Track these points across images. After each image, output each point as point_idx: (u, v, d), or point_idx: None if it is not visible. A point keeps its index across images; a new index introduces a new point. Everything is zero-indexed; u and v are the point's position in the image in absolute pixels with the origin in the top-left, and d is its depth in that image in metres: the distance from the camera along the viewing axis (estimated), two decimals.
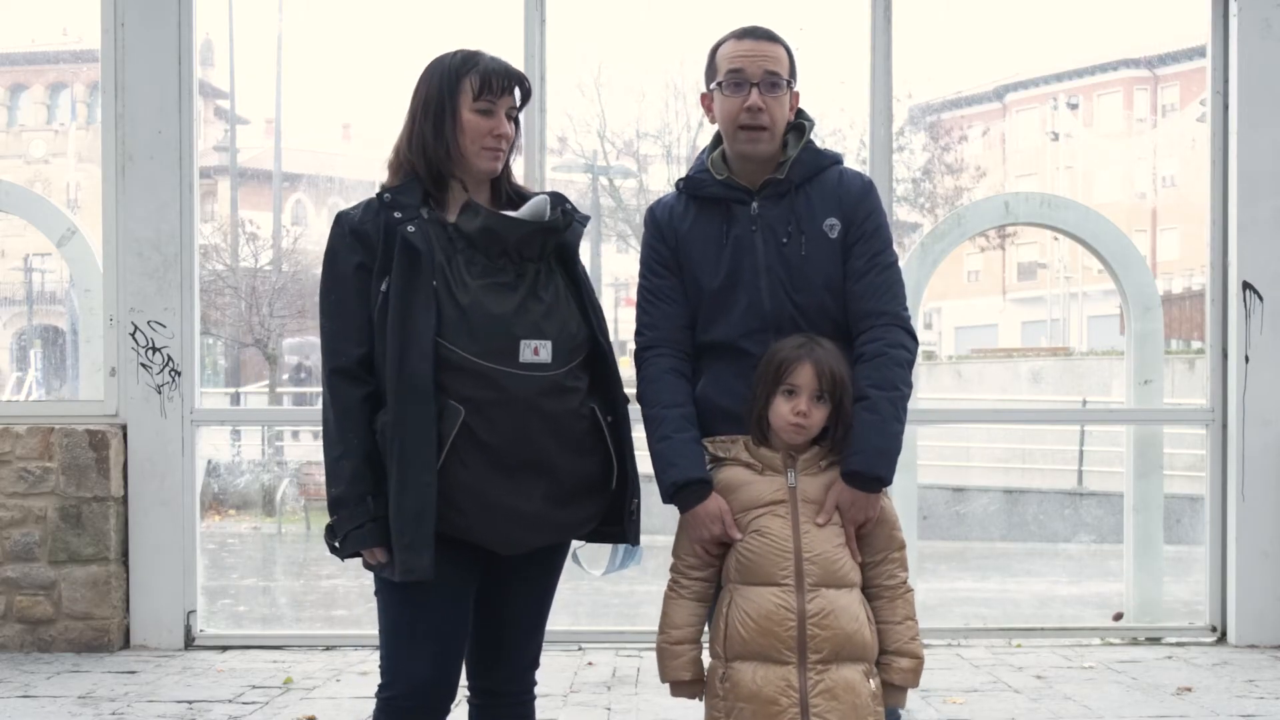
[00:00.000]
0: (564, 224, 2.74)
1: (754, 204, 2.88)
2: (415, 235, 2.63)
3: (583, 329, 2.74)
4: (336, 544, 2.69)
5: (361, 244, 2.68)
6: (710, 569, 2.79)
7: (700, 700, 2.81)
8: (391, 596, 2.70)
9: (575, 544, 2.90)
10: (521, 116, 2.85)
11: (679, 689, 2.82)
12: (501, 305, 2.63)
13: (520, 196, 2.83)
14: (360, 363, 2.67)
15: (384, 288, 2.63)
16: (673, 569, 2.85)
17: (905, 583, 2.79)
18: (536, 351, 2.63)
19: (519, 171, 3.02)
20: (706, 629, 2.85)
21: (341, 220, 2.73)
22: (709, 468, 2.83)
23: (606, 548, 2.91)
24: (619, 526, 2.82)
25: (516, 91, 2.76)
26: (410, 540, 2.58)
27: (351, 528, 2.65)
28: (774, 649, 2.65)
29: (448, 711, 2.77)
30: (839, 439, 2.77)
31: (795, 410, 2.71)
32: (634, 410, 2.90)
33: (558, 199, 2.83)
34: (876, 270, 2.87)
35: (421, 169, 2.73)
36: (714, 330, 2.91)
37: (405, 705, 2.71)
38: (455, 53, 2.76)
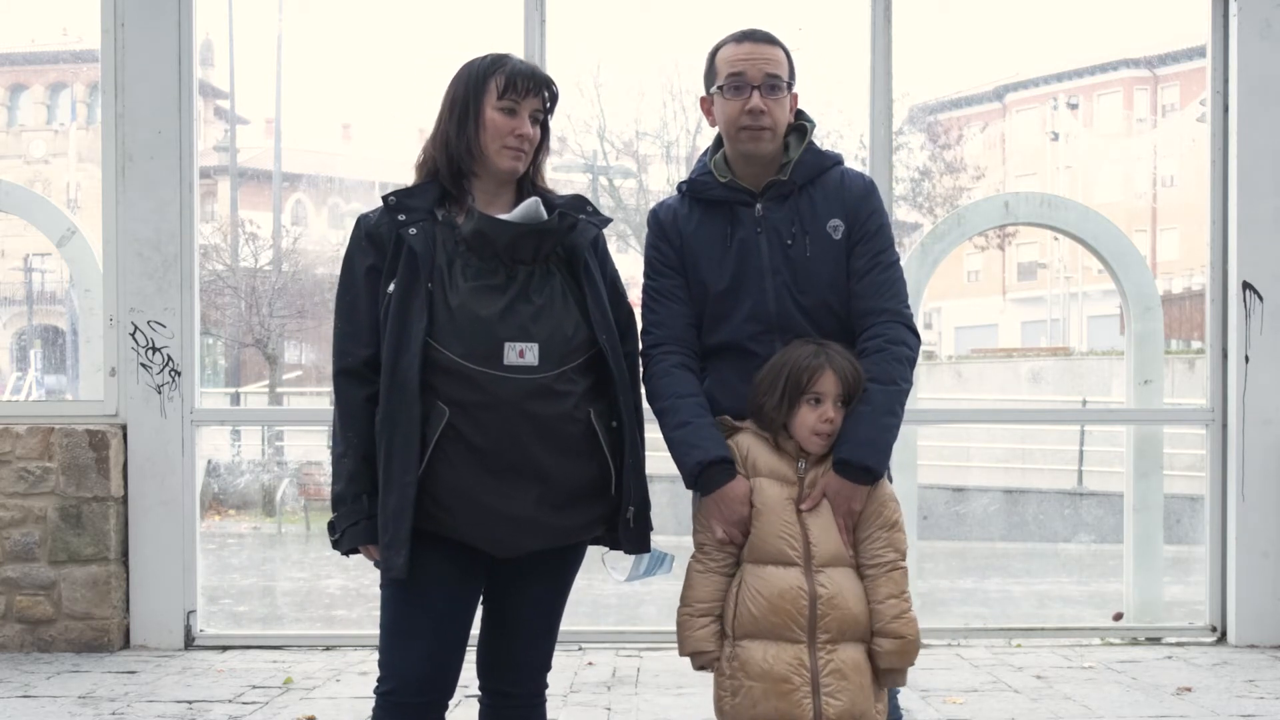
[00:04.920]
0: (560, 226, 2.73)
1: (758, 206, 2.90)
2: (415, 238, 2.67)
3: (581, 332, 2.71)
4: (336, 539, 2.75)
5: (375, 247, 2.73)
6: (735, 545, 2.80)
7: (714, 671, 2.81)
8: (390, 593, 2.74)
9: (600, 548, 2.90)
10: (552, 121, 2.85)
11: (700, 659, 2.80)
12: (488, 308, 2.63)
13: (546, 200, 2.82)
14: (367, 363, 2.71)
15: (390, 290, 2.67)
16: (698, 544, 2.84)
17: (894, 561, 2.76)
18: (521, 354, 2.62)
19: None
20: None
21: (360, 223, 2.78)
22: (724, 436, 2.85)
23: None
24: (614, 534, 2.80)
25: (544, 95, 2.78)
26: (390, 539, 2.62)
27: (348, 525, 2.71)
28: (785, 628, 2.67)
29: (445, 708, 2.79)
30: None
31: (823, 418, 2.74)
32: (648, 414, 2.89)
33: (579, 202, 2.84)
34: (879, 269, 2.89)
35: (442, 166, 2.76)
36: (719, 332, 2.92)
37: (399, 701, 2.73)
38: (486, 56, 2.79)
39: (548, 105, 2.80)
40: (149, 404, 5.76)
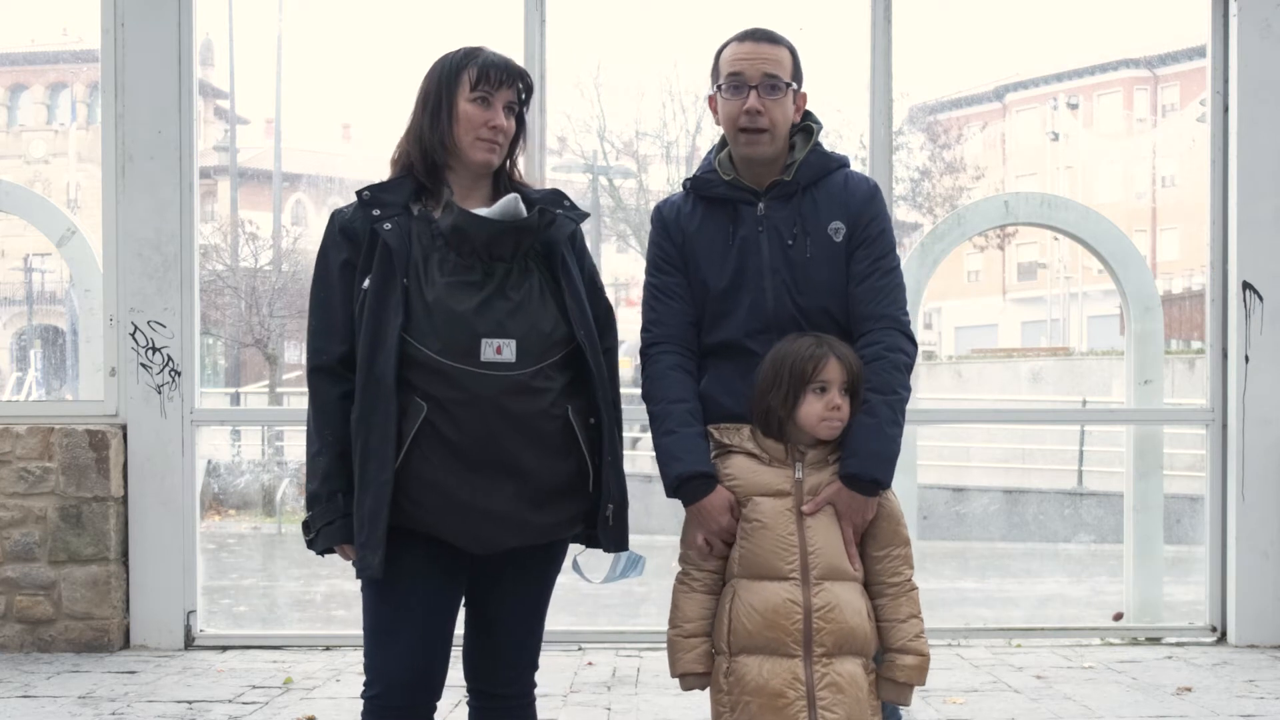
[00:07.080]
0: (539, 223, 2.70)
1: (760, 205, 2.90)
2: (390, 233, 2.64)
3: (559, 329, 2.68)
4: (311, 539, 2.72)
5: (349, 242, 2.69)
6: (719, 561, 2.80)
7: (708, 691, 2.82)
8: (371, 594, 2.70)
9: (575, 550, 2.88)
10: (528, 115, 2.83)
11: (689, 681, 2.81)
12: (464, 303, 2.61)
13: (523, 195, 2.79)
14: (341, 361, 2.67)
15: (365, 285, 2.64)
16: (682, 560, 2.85)
17: (910, 580, 2.80)
18: (499, 350, 2.59)
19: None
20: None
21: (334, 218, 2.74)
22: (714, 455, 2.84)
23: (609, 555, 2.87)
24: (593, 531, 2.78)
25: (518, 88, 2.76)
26: (365, 539, 2.60)
27: (323, 524, 2.67)
28: (780, 642, 2.67)
29: (432, 709, 2.76)
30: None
31: (830, 405, 2.73)
32: (633, 411, 2.88)
33: (556, 196, 2.82)
34: (878, 274, 2.89)
35: (417, 160, 2.74)
36: (719, 331, 2.92)
37: (386, 703, 2.70)
38: (459, 49, 2.77)
39: (522, 97, 2.78)
40: (149, 404, 5.76)
